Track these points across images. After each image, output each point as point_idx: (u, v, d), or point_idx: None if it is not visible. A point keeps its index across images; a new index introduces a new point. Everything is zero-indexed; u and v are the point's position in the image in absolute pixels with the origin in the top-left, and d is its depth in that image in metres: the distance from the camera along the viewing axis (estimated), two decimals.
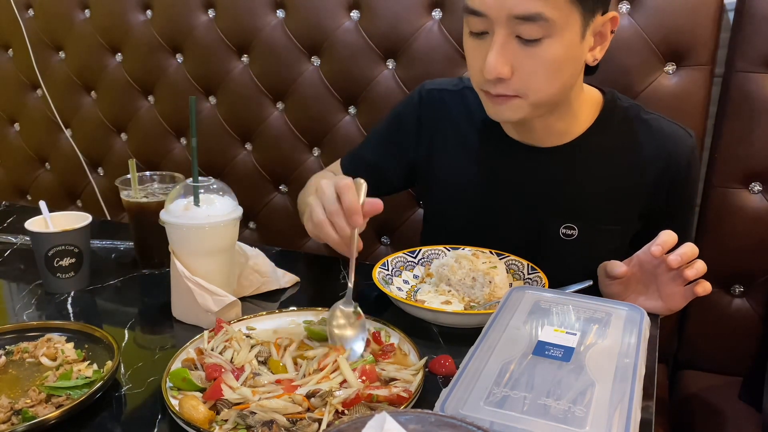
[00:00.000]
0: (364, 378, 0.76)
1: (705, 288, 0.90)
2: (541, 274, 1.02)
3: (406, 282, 1.07)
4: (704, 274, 0.90)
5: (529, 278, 1.04)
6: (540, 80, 0.94)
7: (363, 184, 0.89)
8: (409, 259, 1.11)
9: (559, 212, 1.09)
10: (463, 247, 1.10)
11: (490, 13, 0.90)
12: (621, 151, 1.07)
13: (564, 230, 1.09)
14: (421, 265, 1.11)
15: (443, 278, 1.03)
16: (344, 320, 0.85)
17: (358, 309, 0.86)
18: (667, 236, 0.88)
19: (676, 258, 0.87)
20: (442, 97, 1.19)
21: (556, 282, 1.01)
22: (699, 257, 0.90)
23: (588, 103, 1.08)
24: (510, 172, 1.12)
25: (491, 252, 1.08)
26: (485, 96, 0.99)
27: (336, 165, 1.31)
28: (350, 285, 0.88)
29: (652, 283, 0.94)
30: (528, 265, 1.06)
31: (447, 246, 1.12)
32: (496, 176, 1.13)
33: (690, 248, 0.88)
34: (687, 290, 0.91)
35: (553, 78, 0.95)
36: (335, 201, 0.88)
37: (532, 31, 0.90)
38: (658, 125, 1.08)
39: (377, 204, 0.87)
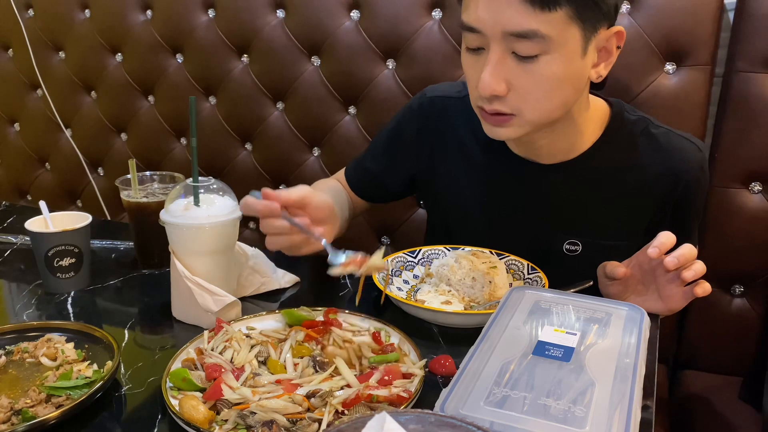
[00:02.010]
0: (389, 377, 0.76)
1: (704, 289, 0.89)
2: (541, 274, 1.02)
3: (406, 282, 1.07)
4: (704, 275, 0.89)
5: (529, 278, 1.04)
6: (537, 98, 0.92)
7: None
8: (409, 259, 1.11)
9: (562, 228, 1.09)
10: (463, 247, 1.10)
11: (485, 30, 0.88)
12: (627, 168, 1.05)
13: (568, 246, 1.08)
14: (421, 265, 1.11)
15: (443, 278, 1.04)
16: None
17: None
18: (665, 237, 0.88)
19: (672, 260, 0.86)
20: (444, 105, 1.16)
21: None
22: (699, 257, 0.89)
23: (594, 117, 1.05)
24: (513, 187, 1.11)
25: (491, 252, 1.08)
26: (482, 114, 0.97)
27: (341, 173, 1.30)
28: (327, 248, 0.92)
29: (652, 283, 0.94)
30: (528, 265, 1.06)
31: (447, 246, 1.12)
32: (499, 191, 1.12)
33: (688, 249, 0.87)
34: (687, 291, 0.90)
35: (551, 96, 0.92)
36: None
37: (528, 48, 0.87)
38: (666, 141, 1.05)
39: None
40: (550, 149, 1.05)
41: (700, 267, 0.88)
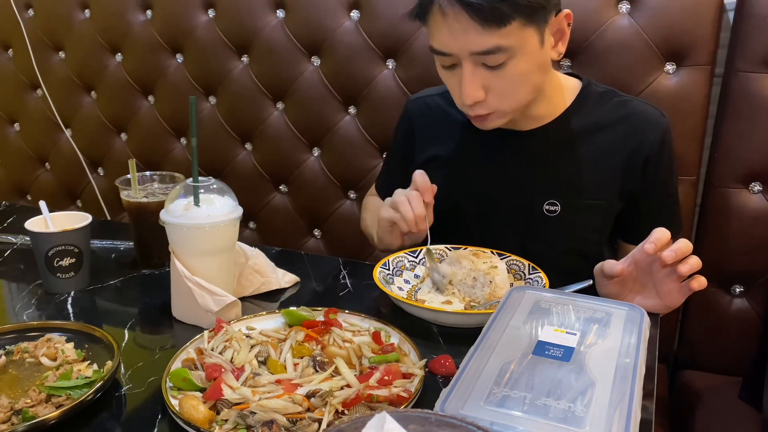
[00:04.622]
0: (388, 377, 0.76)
1: (700, 283, 0.91)
2: (542, 274, 1.02)
3: (407, 282, 1.07)
4: (702, 271, 0.90)
5: (530, 278, 1.04)
6: (512, 95, 1.03)
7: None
8: (410, 258, 1.11)
9: (541, 190, 1.15)
10: (464, 247, 1.11)
11: (454, 53, 0.99)
12: (596, 130, 1.13)
13: (547, 207, 1.14)
14: (422, 265, 1.11)
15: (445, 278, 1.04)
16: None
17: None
18: (660, 233, 0.89)
19: (669, 254, 0.88)
20: (425, 103, 1.27)
21: (546, 261, 1.07)
22: (699, 257, 0.90)
23: (565, 88, 1.15)
24: (495, 157, 1.18)
25: (492, 252, 1.08)
26: (468, 115, 1.09)
27: (372, 190, 1.43)
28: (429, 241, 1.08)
29: (649, 281, 0.95)
30: (529, 265, 1.06)
31: (448, 246, 1.12)
32: (481, 162, 1.19)
33: (684, 244, 0.89)
34: (683, 286, 0.92)
35: (523, 88, 1.03)
36: (411, 191, 1.07)
37: (495, 60, 0.98)
38: (632, 105, 1.14)
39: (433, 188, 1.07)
40: (525, 117, 1.13)
41: (695, 261, 0.89)
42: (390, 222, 1.08)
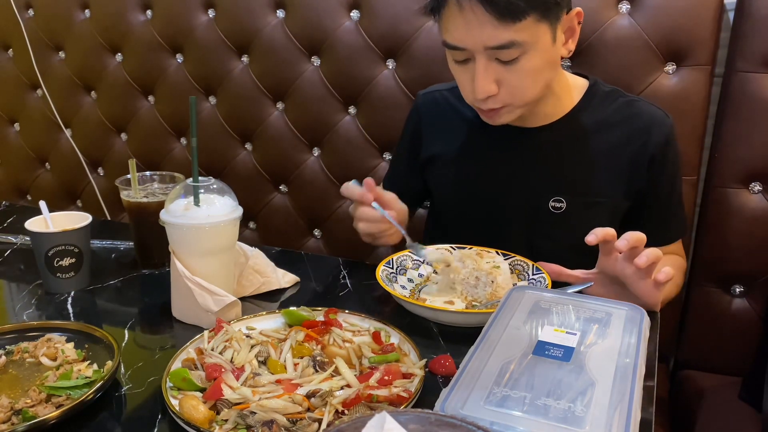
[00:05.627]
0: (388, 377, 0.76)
1: (666, 273, 0.89)
2: (546, 275, 1.02)
3: (410, 281, 1.07)
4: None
5: (533, 279, 1.04)
6: (524, 90, 1.05)
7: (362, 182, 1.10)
8: (415, 257, 1.11)
9: (547, 186, 1.16)
10: (469, 246, 1.11)
11: (469, 47, 1.01)
12: (602, 129, 1.15)
13: (553, 203, 1.15)
14: (428, 264, 1.10)
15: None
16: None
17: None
18: (632, 234, 0.89)
19: (622, 242, 0.87)
20: (434, 97, 1.28)
21: (552, 258, 1.06)
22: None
23: (573, 86, 1.17)
24: (500, 152, 1.19)
25: (497, 252, 1.08)
26: (478, 110, 1.10)
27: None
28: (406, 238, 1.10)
29: (625, 281, 0.95)
30: (533, 265, 1.06)
31: (452, 246, 1.12)
32: (487, 158, 1.20)
33: (636, 234, 0.88)
34: (655, 281, 0.91)
35: (535, 84, 1.05)
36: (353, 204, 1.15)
37: (508, 54, 1.00)
38: (637, 106, 1.16)
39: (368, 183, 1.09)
40: (532, 115, 1.14)
41: (651, 252, 0.88)
42: (365, 234, 1.15)
